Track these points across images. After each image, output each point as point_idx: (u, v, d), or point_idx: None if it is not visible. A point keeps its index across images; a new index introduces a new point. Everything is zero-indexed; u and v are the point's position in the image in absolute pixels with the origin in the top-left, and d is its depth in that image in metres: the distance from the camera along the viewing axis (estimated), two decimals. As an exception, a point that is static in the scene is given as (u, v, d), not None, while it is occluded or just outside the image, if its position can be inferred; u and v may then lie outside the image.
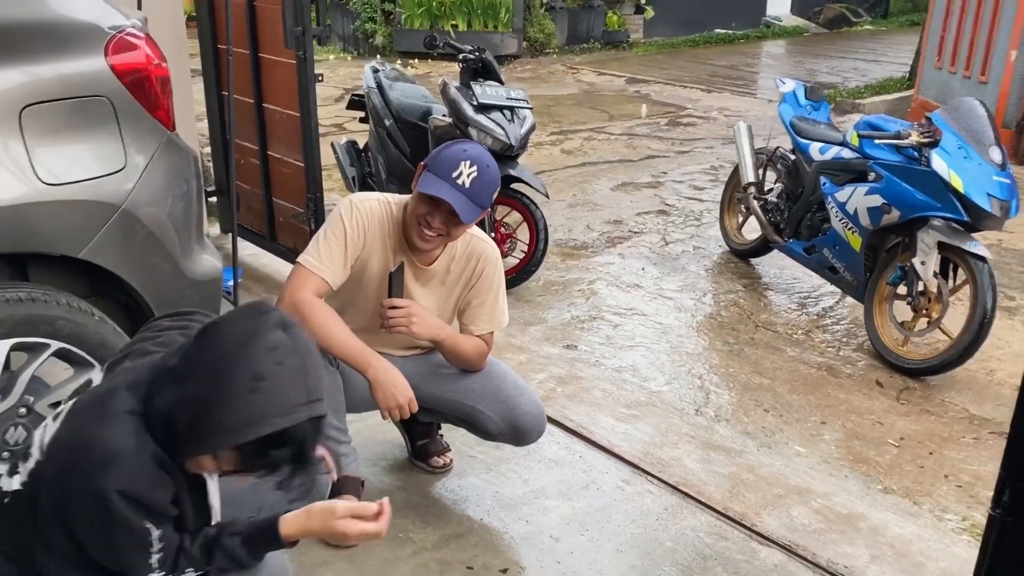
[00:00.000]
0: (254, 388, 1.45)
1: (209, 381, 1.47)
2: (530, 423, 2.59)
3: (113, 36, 2.35)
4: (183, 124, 2.95)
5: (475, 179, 2.32)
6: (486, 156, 2.41)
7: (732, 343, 4.06)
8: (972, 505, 2.90)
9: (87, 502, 1.51)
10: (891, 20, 17.38)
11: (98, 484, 1.48)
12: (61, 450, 1.56)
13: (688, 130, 8.36)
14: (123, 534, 1.54)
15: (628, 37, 13.36)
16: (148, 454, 1.52)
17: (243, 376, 1.45)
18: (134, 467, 1.51)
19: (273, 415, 1.47)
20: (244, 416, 1.46)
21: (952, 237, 3.63)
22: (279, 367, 1.48)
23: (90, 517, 1.52)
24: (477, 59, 4.39)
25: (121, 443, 1.50)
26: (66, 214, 2.27)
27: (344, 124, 7.60)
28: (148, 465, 1.52)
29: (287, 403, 1.48)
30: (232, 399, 1.46)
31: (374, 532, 1.73)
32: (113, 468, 1.49)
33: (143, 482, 1.52)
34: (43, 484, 1.57)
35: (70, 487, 1.52)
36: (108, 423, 1.52)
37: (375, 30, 11.82)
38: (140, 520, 1.53)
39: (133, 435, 1.52)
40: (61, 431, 1.59)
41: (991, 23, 7.25)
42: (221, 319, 1.58)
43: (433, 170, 2.36)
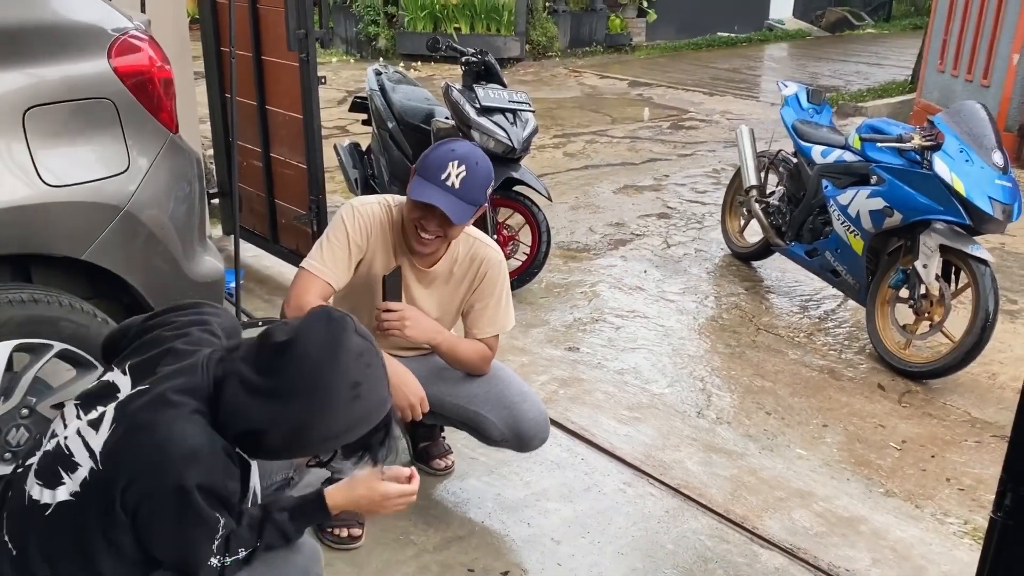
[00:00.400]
0: (356, 395, 1.60)
1: (312, 397, 1.58)
2: (533, 430, 2.59)
3: (116, 38, 2.36)
4: (186, 126, 2.96)
5: (464, 179, 2.32)
6: (475, 153, 2.39)
7: (734, 346, 4.06)
8: (974, 508, 2.90)
9: (168, 500, 1.56)
10: (893, 23, 17.40)
11: (181, 481, 1.54)
12: (132, 454, 1.59)
13: (690, 133, 8.36)
14: (197, 526, 1.60)
15: (630, 40, 13.38)
16: (220, 448, 1.60)
17: (343, 387, 1.59)
18: (212, 462, 1.58)
19: (372, 414, 1.64)
20: (349, 421, 1.62)
21: (954, 240, 3.63)
22: (369, 369, 1.63)
23: (168, 513, 1.57)
24: (480, 62, 4.40)
25: (198, 441, 1.57)
26: (69, 216, 2.27)
27: (347, 126, 7.61)
28: (222, 458, 1.60)
29: (381, 399, 1.65)
30: (338, 409, 1.60)
31: (410, 492, 1.86)
32: (194, 464, 1.55)
33: (220, 475, 1.60)
34: (111, 491, 1.57)
35: (151, 487, 1.56)
36: (180, 423, 1.58)
37: (378, 33, 11.85)
38: (214, 512, 1.60)
39: (205, 432, 1.59)
40: (124, 439, 1.61)
41: (993, 27, 7.25)
42: (297, 334, 1.62)
43: (422, 174, 2.36)
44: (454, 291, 2.57)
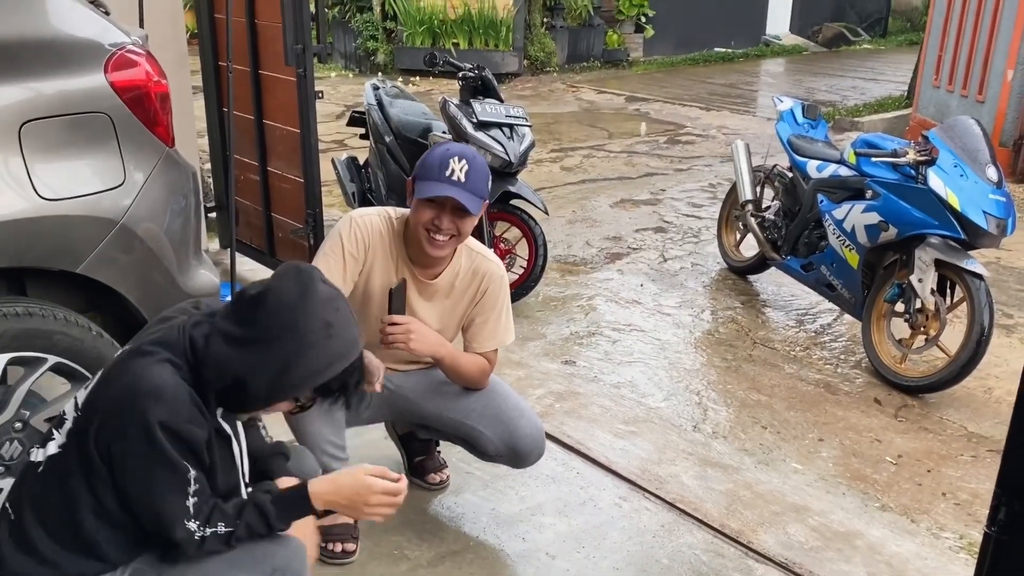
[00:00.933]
0: (329, 335, 1.71)
1: (290, 338, 1.68)
2: (529, 446, 2.58)
3: (113, 53, 2.37)
4: (183, 139, 2.97)
5: (468, 172, 2.35)
6: (470, 149, 2.45)
7: (730, 359, 4.06)
8: (970, 523, 2.90)
9: (133, 435, 1.63)
10: (889, 39, 17.48)
11: (143, 416, 1.62)
12: (104, 396, 1.69)
13: (687, 148, 8.39)
14: (164, 470, 1.65)
15: (628, 56, 13.44)
16: (186, 393, 1.67)
17: (317, 327, 1.69)
18: (175, 403, 1.65)
19: (347, 351, 1.74)
20: (327, 358, 1.71)
21: (949, 255, 3.64)
22: (338, 313, 1.74)
23: (135, 450, 1.64)
24: (477, 77, 4.42)
25: (163, 380, 1.66)
26: (65, 229, 2.28)
27: (345, 140, 7.64)
28: (186, 403, 1.67)
29: (351, 339, 1.75)
30: (315, 348, 1.69)
31: (396, 491, 1.86)
32: (157, 401, 1.63)
33: (183, 417, 1.66)
34: (87, 433, 1.67)
35: (117, 422, 1.65)
36: (149, 365, 1.67)
37: (376, 48, 11.89)
38: (179, 457, 1.65)
39: (172, 376, 1.67)
40: (99, 385, 1.73)
41: (988, 42, 7.29)
42: (268, 286, 1.74)
43: (425, 176, 2.37)
44: (456, 304, 2.56)
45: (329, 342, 1.71)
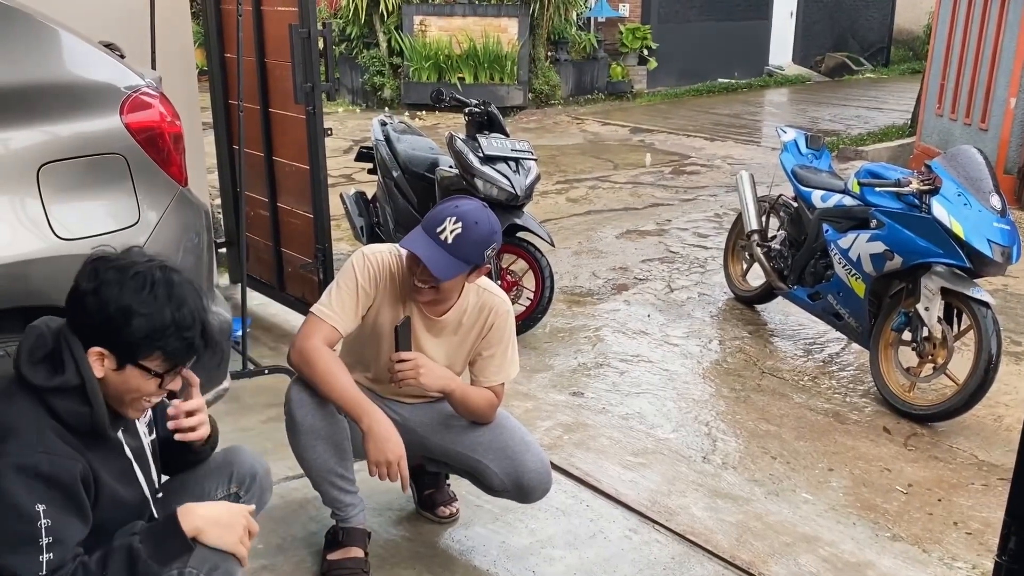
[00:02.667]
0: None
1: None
2: (534, 481, 2.59)
3: (128, 95, 2.42)
4: (194, 176, 3.01)
5: (458, 236, 2.33)
6: (476, 213, 2.39)
7: (738, 390, 4.06)
8: (982, 552, 2.88)
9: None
10: (892, 68, 17.62)
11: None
12: None
13: (692, 178, 8.44)
14: (8, 517, 1.55)
15: (632, 88, 13.57)
16: (46, 426, 1.63)
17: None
18: (29, 438, 1.60)
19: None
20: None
21: (955, 283, 3.65)
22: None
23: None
24: (483, 112, 4.49)
25: (16, 416, 1.62)
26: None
27: (353, 175, 7.72)
28: (46, 435, 1.62)
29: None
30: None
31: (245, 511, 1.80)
32: (6, 441, 1.57)
33: (38, 450, 1.59)
34: None
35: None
36: (5, 406, 1.64)
37: (383, 83, 12.04)
38: (31, 501, 1.55)
39: (30, 409, 1.64)
40: None
41: (990, 70, 7.35)
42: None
43: (423, 226, 2.39)
44: (463, 340, 2.58)
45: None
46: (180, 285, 1.75)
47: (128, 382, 1.74)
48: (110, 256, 1.75)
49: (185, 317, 1.73)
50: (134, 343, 1.70)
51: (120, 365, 1.72)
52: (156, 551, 1.66)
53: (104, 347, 1.71)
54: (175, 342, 1.72)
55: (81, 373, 1.69)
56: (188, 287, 1.77)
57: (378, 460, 2.36)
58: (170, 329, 1.71)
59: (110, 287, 1.70)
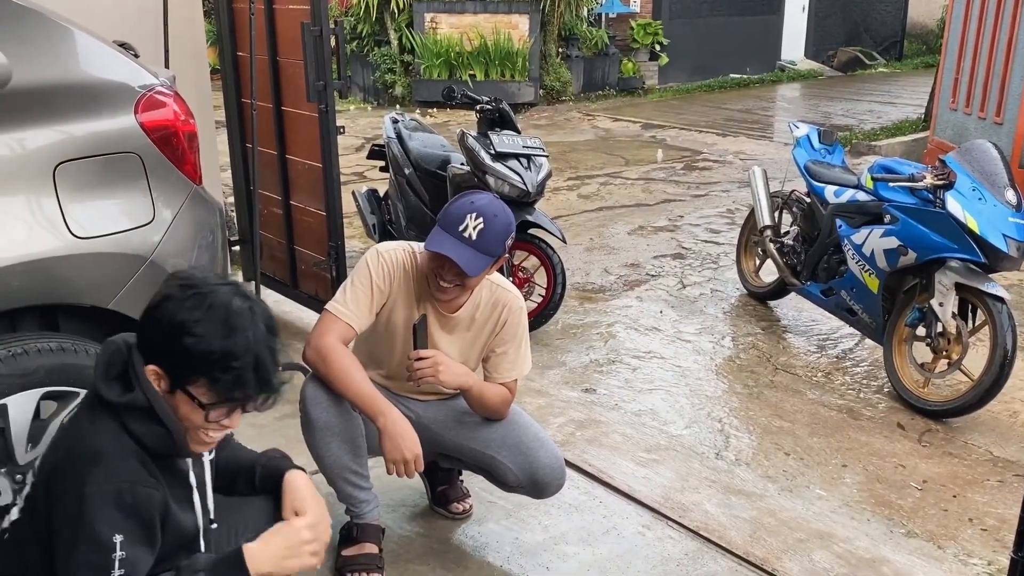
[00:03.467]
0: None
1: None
2: (549, 476, 2.60)
3: (143, 95, 2.44)
4: (207, 174, 3.03)
5: (481, 231, 2.35)
6: (493, 206, 2.42)
7: (751, 386, 4.06)
8: (998, 549, 2.87)
9: (67, 504, 1.55)
10: (905, 62, 17.50)
11: (77, 481, 1.54)
12: (50, 459, 1.64)
13: (704, 174, 8.42)
14: (86, 543, 1.53)
15: (643, 83, 13.54)
16: (130, 451, 1.60)
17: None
18: (115, 463, 1.57)
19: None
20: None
21: (969, 278, 3.63)
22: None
23: (66, 521, 1.55)
24: (494, 109, 4.49)
25: (102, 441, 1.58)
26: (96, 266, 2.33)
27: (365, 172, 7.73)
28: (129, 461, 1.60)
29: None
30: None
31: (313, 522, 1.79)
32: (94, 465, 1.56)
33: (122, 477, 1.57)
34: (37, 498, 1.62)
35: (56, 487, 1.58)
36: (90, 424, 1.61)
37: (395, 81, 12.06)
38: (111, 531, 1.54)
39: (114, 433, 1.60)
40: (49, 448, 1.69)
41: (1005, 64, 7.29)
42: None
43: (442, 225, 2.40)
44: (476, 337, 2.59)
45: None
46: (241, 313, 1.64)
47: (179, 408, 1.66)
48: (184, 272, 1.70)
49: (236, 346, 1.61)
50: (182, 365, 1.63)
51: (172, 388, 1.66)
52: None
53: (159, 365, 1.65)
54: (220, 372, 1.61)
55: (146, 393, 1.63)
56: (249, 317, 1.65)
57: (394, 458, 2.38)
58: (217, 355, 1.60)
59: (171, 301, 1.64)
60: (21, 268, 2.18)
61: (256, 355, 1.64)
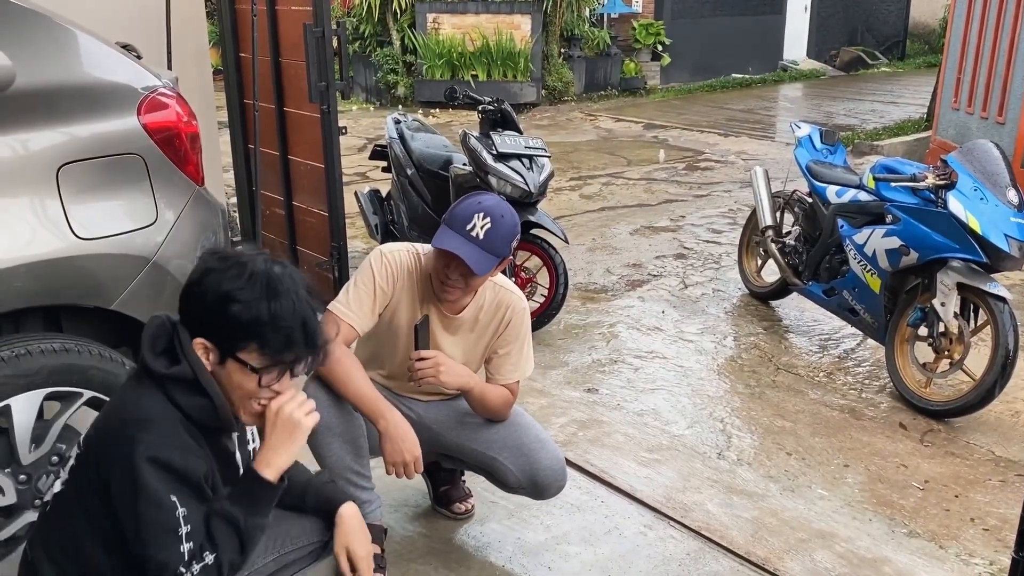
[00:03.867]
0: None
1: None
2: (549, 478, 2.60)
3: (146, 96, 2.45)
4: (210, 175, 3.04)
5: (489, 230, 2.36)
6: (501, 207, 2.44)
7: (753, 386, 4.06)
8: (1000, 549, 2.87)
9: (121, 473, 1.60)
10: (907, 62, 17.48)
11: (129, 449, 1.59)
12: (99, 430, 1.69)
13: (706, 174, 8.42)
14: (151, 507, 1.60)
15: (645, 84, 13.53)
16: (176, 420, 1.65)
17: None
18: (163, 431, 1.63)
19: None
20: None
21: (971, 278, 3.63)
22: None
23: (124, 489, 1.61)
24: (496, 110, 4.49)
25: (150, 409, 1.64)
26: (99, 267, 2.34)
27: (367, 172, 7.74)
28: (177, 430, 1.65)
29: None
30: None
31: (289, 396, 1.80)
32: (144, 431, 1.61)
33: (173, 445, 1.63)
34: (85, 468, 1.66)
35: (107, 456, 1.63)
36: (137, 394, 1.67)
37: (397, 81, 12.07)
38: (167, 493, 1.60)
39: (161, 403, 1.66)
40: (97, 419, 1.73)
41: (1007, 64, 7.28)
42: None
43: (449, 224, 2.41)
44: (479, 338, 2.60)
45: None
46: (282, 278, 1.71)
47: (231, 378, 1.72)
48: (219, 248, 1.78)
49: (284, 308, 1.68)
50: (231, 333, 1.68)
51: (222, 359, 1.71)
52: (250, 507, 1.72)
53: (207, 338, 1.70)
54: (271, 334, 1.67)
55: (192, 365, 1.69)
56: (291, 281, 1.72)
57: (395, 460, 2.39)
58: (265, 318, 1.67)
59: (212, 274, 1.69)
60: (24, 269, 2.19)
61: (303, 315, 1.71)
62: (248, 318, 1.67)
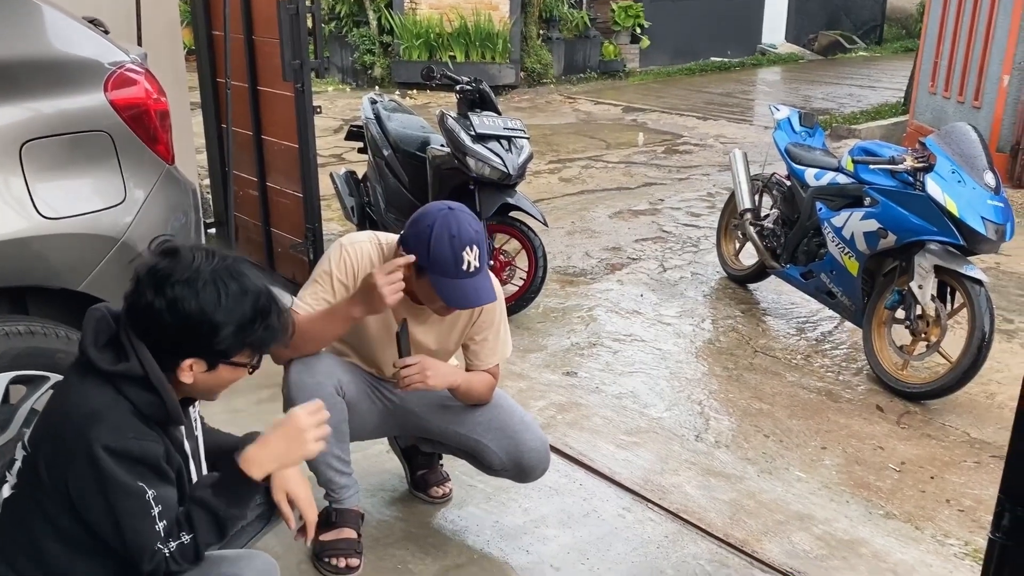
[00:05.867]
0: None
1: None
2: (534, 460, 2.58)
3: (113, 72, 2.38)
4: (182, 156, 2.98)
5: (480, 256, 2.29)
6: (470, 222, 2.29)
7: (731, 368, 4.06)
8: (974, 529, 2.89)
9: (81, 464, 1.59)
10: (885, 47, 17.58)
11: (85, 443, 1.57)
12: (46, 429, 1.66)
13: (684, 158, 8.41)
14: (120, 497, 1.59)
15: (624, 66, 13.50)
16: (126, 409, 1.63)
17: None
18: (116, 421, 1.61)
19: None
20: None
21: (948, 261, 3.64)
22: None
23: (87, 484, 1.59)
24: (474, 90, 4.44)
25: (99, 401, 1.62)
26: (66, 248, 2.28)
27: (343, 154, 7.66)
28: (128, 418, 1.63)
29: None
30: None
31: (314, 408, 1.81)
32: (97, 424, 1.59)
33: (127, 434, 1.61)
34: (37, 470, 1.63)
35: (63, 455, 1.60)
36: (83, 389, 1.64)
37: (373, 62, 11.95)
38: (135, 480, 1.60)
39: (110, 394, 1.63)
40: (41, 419, 1.71)
41: (983, 48, 7.32)
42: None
43: (443, 272, 2.26)
44: (452, 325, 2.55)
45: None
46: (244, 276, 1.70)
47: (221, 378, 1.74)
48: (164, 269, 1.66)
49: (264, 305, 1.71)
50: (225, 350, 1.70)
51: (211, 367, 1.72)
52: (232, 500, 1.71)
53: (192, 357, 1.69)
54: (261, 332, 1.71)
55: (143, 364, 1.66)
56: (248, 268, 1.73)
57: (383, 289, 2.24)
58: (255, 323, 1.70)
59: (185, 303, 1.64)
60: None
61: (273, 300, 1.74)
62: (240, 331, 1.68)
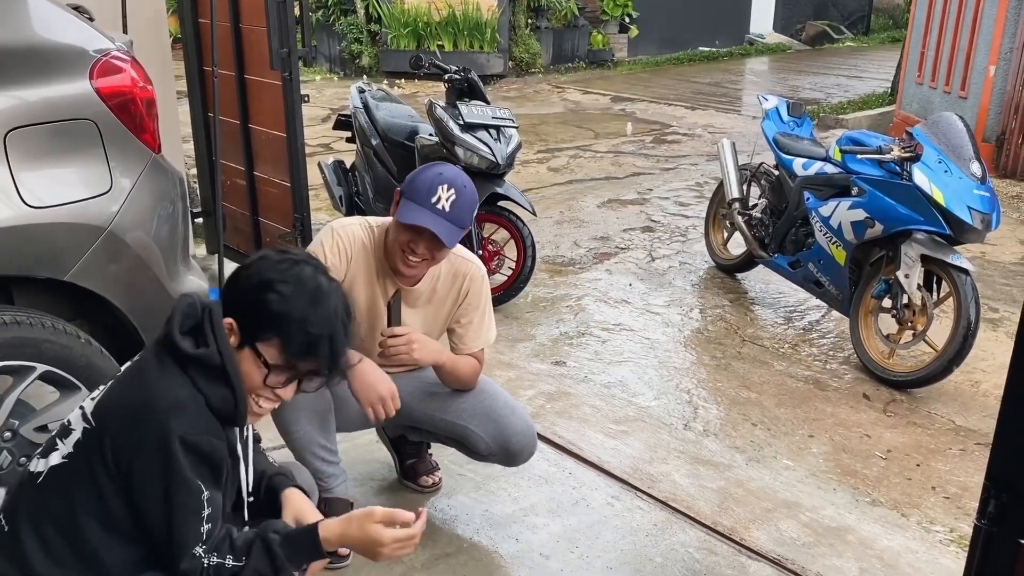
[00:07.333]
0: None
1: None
2: (521, 443, 2.59)
3: (98, 59, 2.36)
4: (169, 145, 2.95)
5: (454, 202, 2.33)
6: (462, 177, 2.41)
7: (719, 357, 4.08)
8: (959, 516, 2.92)
9: (151, 454, 1.61)
10: (872, 37, 17.59)
11: (162, 430, 1.60)
12: (121, 408, 1.67)
13: (673, 147, 8.42)
14: (179, 489, 1.62)
15: (613, 56, 13.47)
16: (203, 405, 1.66)
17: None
18: (194, 414, 1.64)
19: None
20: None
21: (935, 250, 3.66)
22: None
23: (153, 471, 1.61)
24: (463, 79, 4.42)
25: (182, 393, 1.65)
26: (51, 237, 2.27)
27: (331, 144, 7.62)
28: (205, 414, 1.66)
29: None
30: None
31: (407, 537, 1.76)
32: (176, 414, 1.62)
33: (202, 429, 1.65)
34: (101, 445, 1.64)
35: (134, 436, 1.62)
36: (166, 377, 1.66)
37: (361, 51, 11.88)
38: (195, 476, 1.63)
39: (189, 388, 1.66)
40: (115, 397, 1.70)
41: (969, 39, 7.35)
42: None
43: (411, 197, 2.35)
44: (439, 308, 2.57)
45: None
46: (328, 293, 1.71)
47: (241, 365, 1.71)
48: (279, 247, 1.75)
49: (317, 316, 1.68)
50: (258, 320, 1.68)
51: (241, 343, 1.70)
52: (293, 555, 1.73)
53: (235, 318, 1.70)
54: (296, 334, 1.67)
55: (221, 352, 1.67)
56: (336, 298, 1.72)
57: (371, 399, 2.36)
58: (296, 316, 1.66)
59: (264, 261, 1.72)
60: (-28, 239, 2.11)
61: (333, 329, 1.70)
62: (279, 310, 1.66)
